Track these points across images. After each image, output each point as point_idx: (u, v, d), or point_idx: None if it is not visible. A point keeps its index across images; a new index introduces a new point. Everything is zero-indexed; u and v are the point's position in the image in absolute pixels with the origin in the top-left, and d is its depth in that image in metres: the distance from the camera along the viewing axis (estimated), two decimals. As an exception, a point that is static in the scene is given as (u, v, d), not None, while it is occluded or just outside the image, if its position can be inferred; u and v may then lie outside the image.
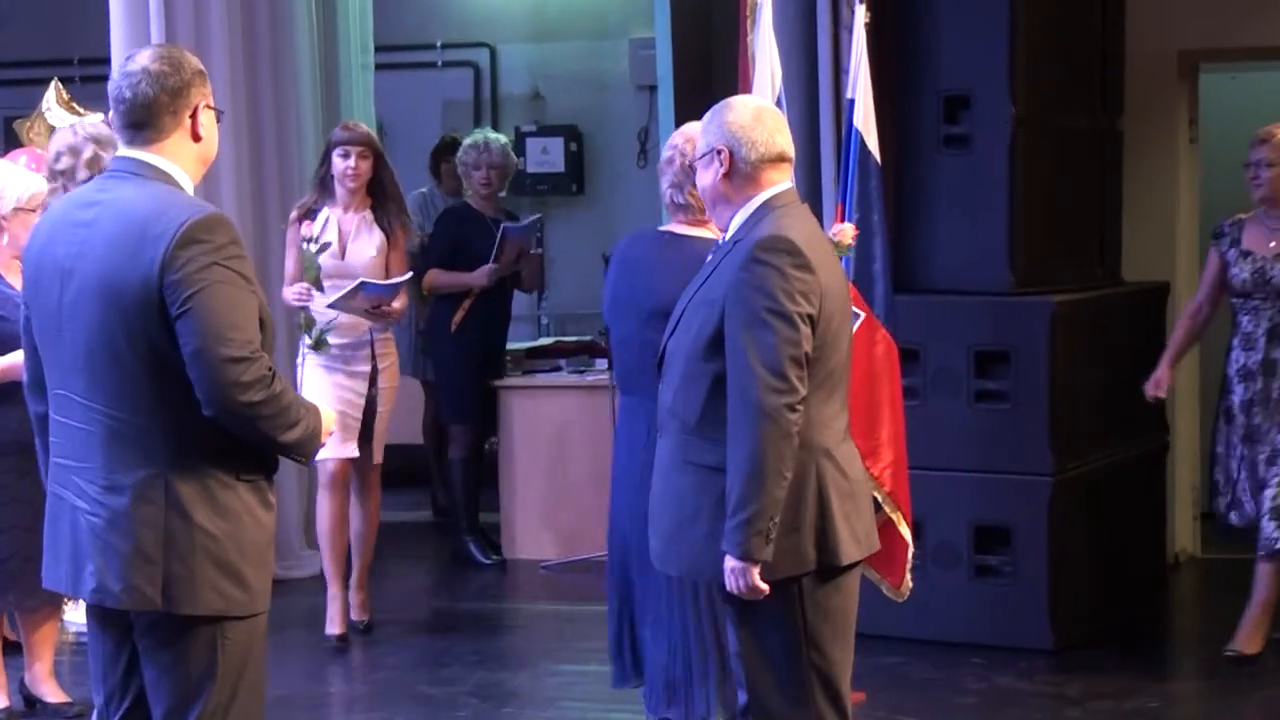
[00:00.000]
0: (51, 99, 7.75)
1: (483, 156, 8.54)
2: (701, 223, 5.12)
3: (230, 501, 3.74)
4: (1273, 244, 6.63)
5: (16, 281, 5.95)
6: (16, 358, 5.67)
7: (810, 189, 6.74)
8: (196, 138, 3.83)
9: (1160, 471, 7.80)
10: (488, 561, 8.61)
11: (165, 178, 3.80)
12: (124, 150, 3.84)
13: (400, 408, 7.54)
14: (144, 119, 3.79)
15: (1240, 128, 9.47)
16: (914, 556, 6.00)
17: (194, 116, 3.82)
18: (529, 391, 8.80)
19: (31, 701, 6.19)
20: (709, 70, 8.43)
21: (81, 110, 7.75)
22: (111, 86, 3.83)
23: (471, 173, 8.58)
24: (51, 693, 6.16)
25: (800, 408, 3.98)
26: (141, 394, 3.70)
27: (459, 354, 8.57)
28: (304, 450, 3.83)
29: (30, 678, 6.18)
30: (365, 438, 7.20)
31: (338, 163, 7.18)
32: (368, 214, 7.25)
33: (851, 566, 4.17)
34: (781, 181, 4.21)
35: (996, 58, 6.82)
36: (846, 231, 5.82)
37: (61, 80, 7.93)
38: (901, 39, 7.00)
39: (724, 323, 4.04)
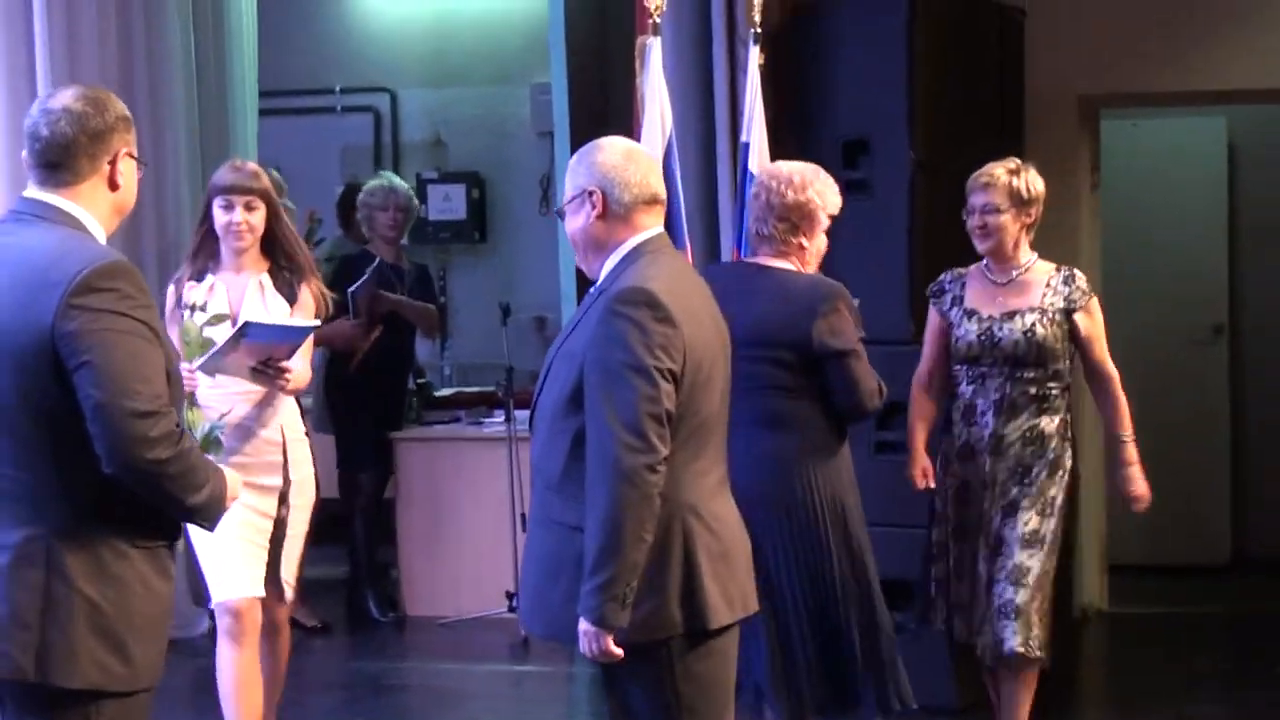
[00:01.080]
0: None
1: (390, 198, 8.39)
2: (785, 255, 5.25)
3: (121, 570, 3.52)
4: (999, 299, 5.67)
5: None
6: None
7: (707, 231, 6.63)
8: (114, 186, 3.64)
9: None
10: (383, 619, 8.41)
11: (74, 223, 3.59)
12: (31, 191, 3.64)
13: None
14: (59, 159, 3.59)
15: (1143, 175, 9.55)
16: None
17: (113, 163, 3.63)
18: (427, 443, 8.62)
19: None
20: (606, 115, 8.28)
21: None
22: (28, 123, 3.64)
23: (377, 215, 8.40)
24: None
25: (661, 468, 3.78)
26: (28, 450, 3.49)
27: (358, 401, 8.38)
28: (208, 515, 3.61)
29: None
30: (272, 567, 5.74)
31: (219, 215, 5.71)
32: (264, 277, 5.76)
33: (726, 629, 3.98)
34: (653, 225, 4.03)
35: (894, 102, 6.73)
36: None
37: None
38: (799, 82, 6.91)
39: (582, 378, 3.85)
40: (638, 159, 4.03)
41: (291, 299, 5.71)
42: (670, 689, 3.91)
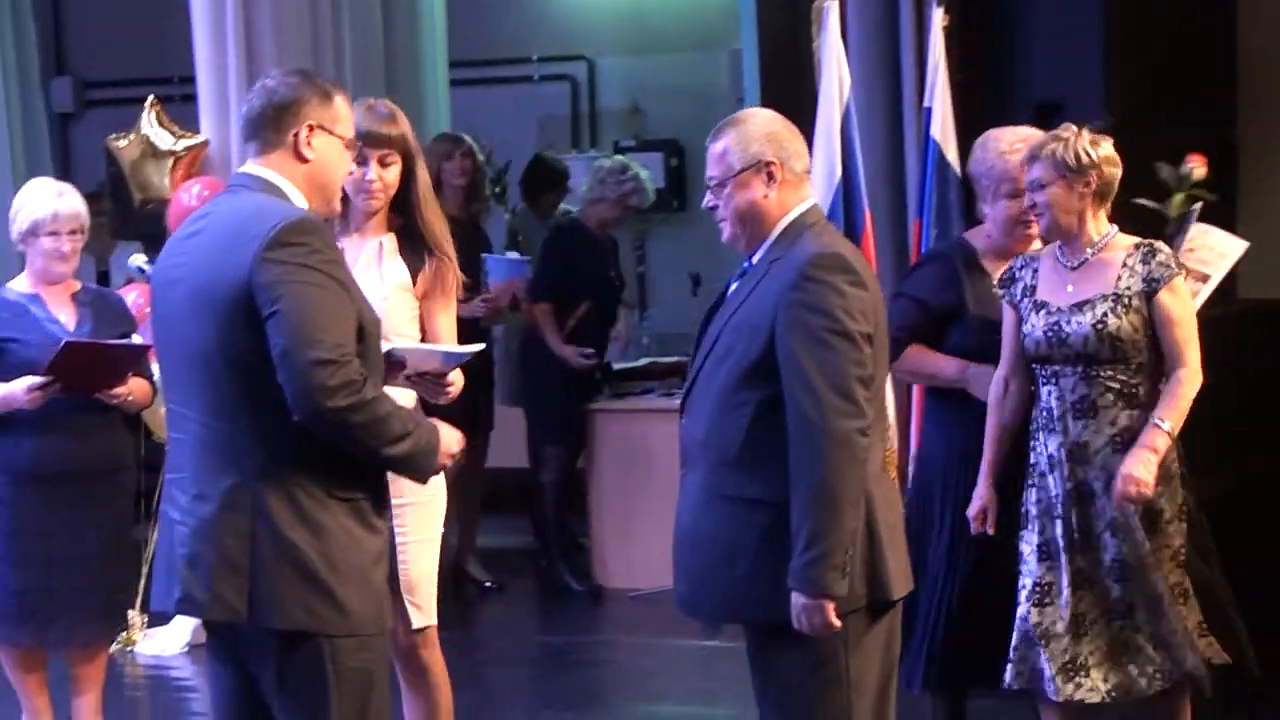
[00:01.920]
0: (151, 118, 7.62)
1: (638, 189, 8.34)
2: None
3: (322, 517, 3.61)
4: (1069, 286, 4.87)
5: (54, 306, 5.79)
6: (19, 384, 5.54)
7: (892, 202, 6.43)
8: (302, 158, 3.76)
9: None
10: (579, 588, 8.38)
11: (273, 190, 3.74)
12: (241, 167, 3.86)
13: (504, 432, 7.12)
14: (251, 132, 3.79)
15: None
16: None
17: (298, 135, 3.74)
18: (619, 414, 8.55)
19: (79, 740, 6.00)
20: (800, 80, 8.12)
21: (179, 130, 7.62)
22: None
23: (630, 198, 8.36)
24: (97, 731, 5.97)
25: (870, 432, 3.78)
26: (230, 400, 3.62)
27: (550, 374, 8.35)
28: (413, 467, 3.72)
29: (76, 717, 5.99)
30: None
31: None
32: (387, 239, 4.76)
33: (895, 604, 3.96)
34: (810, 195, 4.03)
35: (1089, 64, 6.49)
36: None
37: (160, 100, 7.77)
38: (989, 46, 6.70)
39: (770, 348, 3.81)
40: (794, 128, 4.02)
41: (415, 269, 4.74)
42: (842, 663, 3.86)
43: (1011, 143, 5.00)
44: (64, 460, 5.72)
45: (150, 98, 7.70)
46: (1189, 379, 4.75)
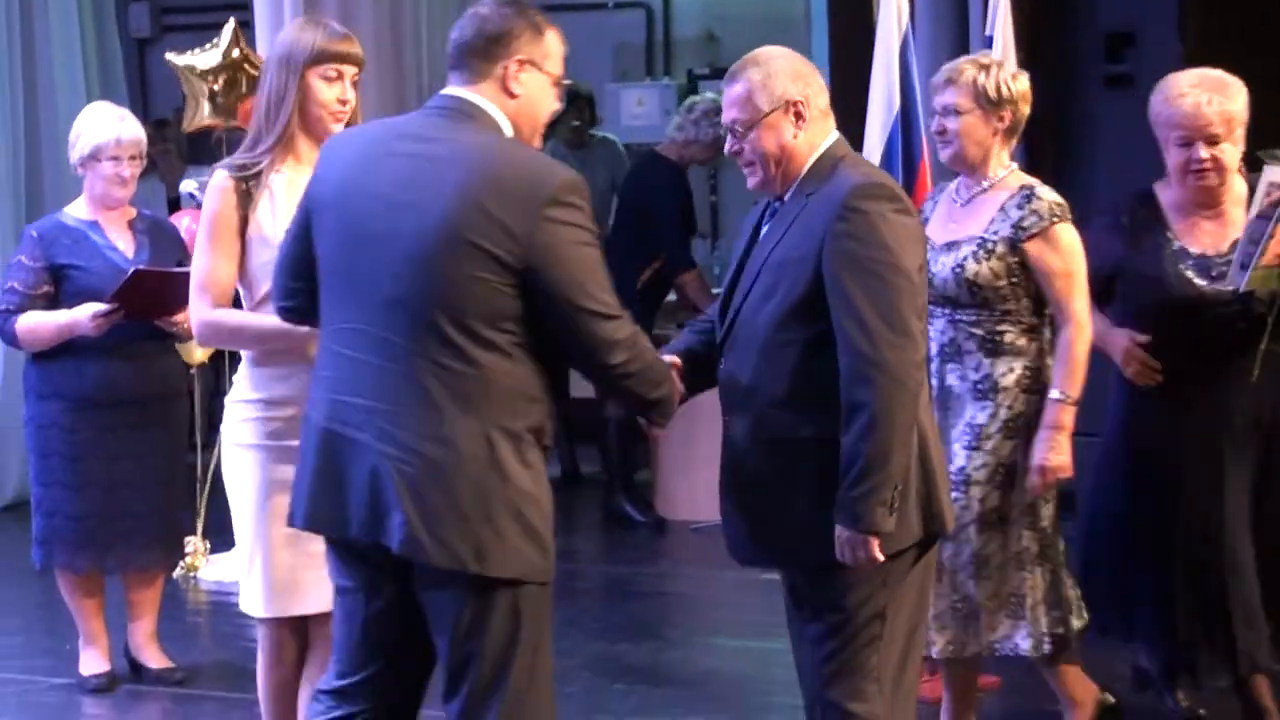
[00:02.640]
0: (227, 40, 7.48)
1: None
2: None
3: (535, 462, 3.62)
4: (950, 224, 4.71)
5: (112, 233, 5.81)
6: (84, 310, 5.55)
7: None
8: (510, 93, 3.68)
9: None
10: (642, 519, 8.36)
11: (486, 120, 3.66)
12: (446, 89, 3.74)
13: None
14: (460, 60, 3.70)
15: None
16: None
17: (507, 69, 3.66)
18: (685, 347, 8.49)
19: (137, 666, 6.06)
20: (867, 11, 7.99)
21: (257, 61, 7.45)
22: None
23: (721, 140, 8.27)
24: (153, 657, 6.02)
25: (924, 365, 3.73)
26: (476, 347, 3.54)
27: (628, 307, 8.30)
28: (665, 411, 3.80)
29: (132, 642, 6.05)
30: None
31: (321, 90, 4.33)
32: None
33: (935, 544, 3.96)
34: (834, 130, 3.94)
35: (1163, -10, 6.33)
36: None
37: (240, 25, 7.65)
38: (1058, -28, 6.54)
39: (817, 283, 3.74)
40: (810, 64, 3.95)
41: None
42: (887, 597, 3.83)
43: (1181, 87, 4.76)
44: (125, 386, 5.76)
45: (231, 21, 7.59)
46: (1078, 336, 4.54)
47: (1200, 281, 4.72)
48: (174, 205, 9.10)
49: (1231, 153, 4.73)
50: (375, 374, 3.60)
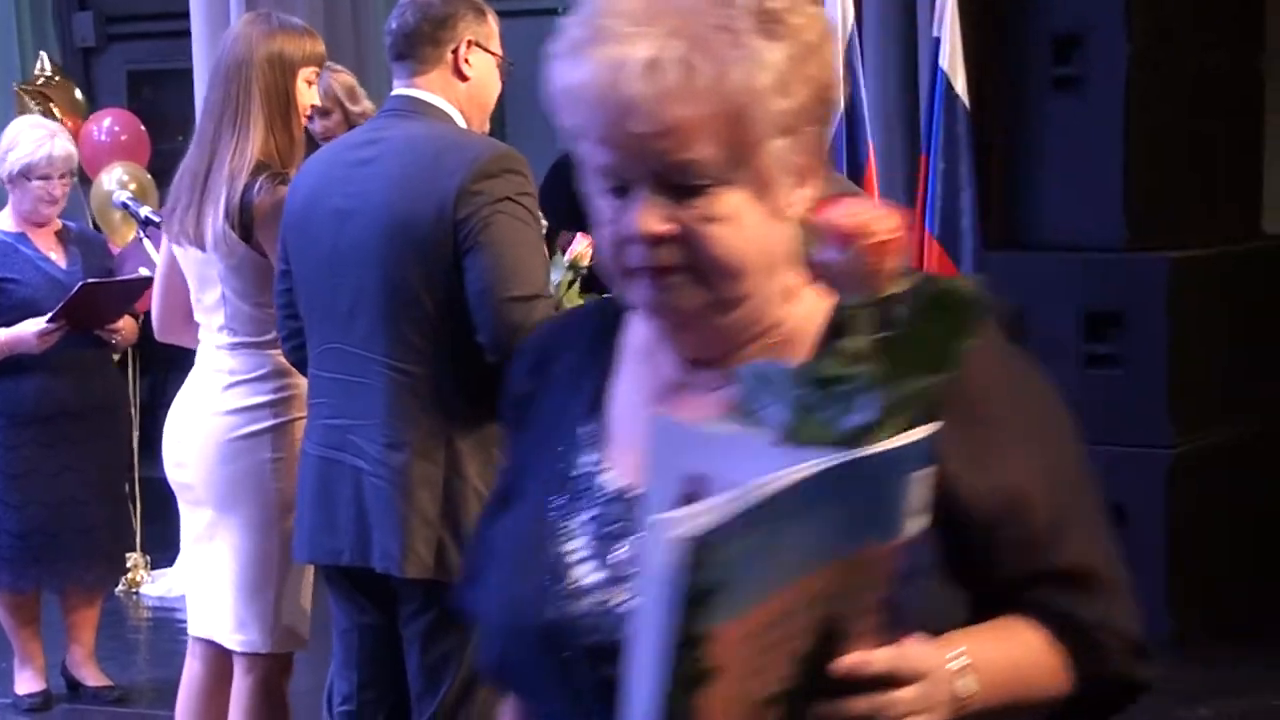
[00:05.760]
0: None
1: None
2: None
3: (500, 459, 3.47)
4: None
5: (42, 244, 5.70)
6: (27, 326, 5.44)
7: (906, 135, 6.23)
8: (462, 76, 3.63)
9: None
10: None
11: (442, 116, 3.61)
12: (396, 89, 3.68)
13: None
14: (405, 50, 3.63)
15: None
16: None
17: (457, 51, 3.62)
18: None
19: (74, 684, 5.94)
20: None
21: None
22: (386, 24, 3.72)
23: None
24: (91, 675, 5.90)
25: None
26: (431, 342, 3.49)
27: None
28: None
29: (70, 660, 5.93)
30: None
31: (303, 92, 4.10)
32: None
33: None
34: None
35: (1110, -10, 6.23)
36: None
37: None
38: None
39: None
40: None
41: None
42: None
43: None
44: (64, 399, 5.64)
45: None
46: None
47: None
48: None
49: None
50: (348, 390, 3.57)
